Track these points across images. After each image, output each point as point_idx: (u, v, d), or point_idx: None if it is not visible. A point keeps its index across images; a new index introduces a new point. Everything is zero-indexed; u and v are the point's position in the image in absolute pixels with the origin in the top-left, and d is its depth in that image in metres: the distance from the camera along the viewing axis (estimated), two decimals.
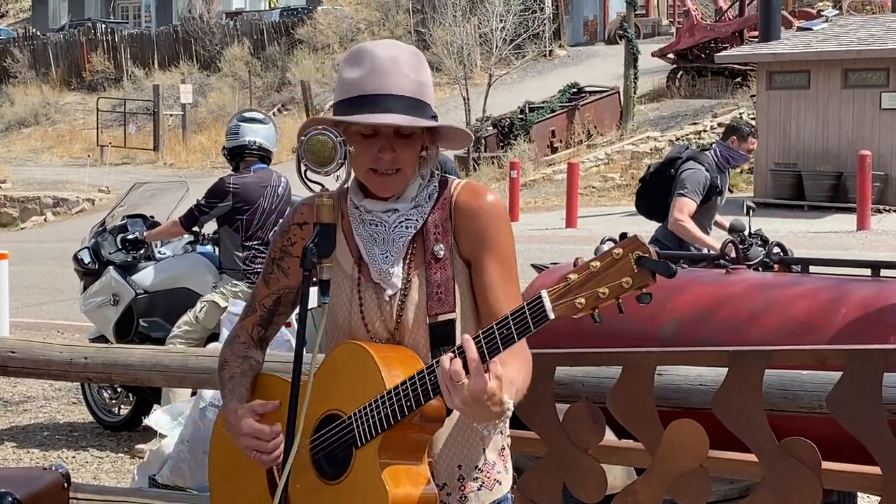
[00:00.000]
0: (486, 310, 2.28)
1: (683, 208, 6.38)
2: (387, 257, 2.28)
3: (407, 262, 2.29)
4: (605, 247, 4.91)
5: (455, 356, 2.06)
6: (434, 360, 2.13)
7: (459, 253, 2.30)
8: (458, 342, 2.19)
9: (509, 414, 2.11)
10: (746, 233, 6.02)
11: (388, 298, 2.28)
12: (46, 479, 2.95)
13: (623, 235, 2.05)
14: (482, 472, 2.32)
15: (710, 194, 6.55)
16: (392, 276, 2.28)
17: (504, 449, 2.37)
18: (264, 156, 6.83)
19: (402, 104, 2.22)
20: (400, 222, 2.29)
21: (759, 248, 5.64)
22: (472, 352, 2.03)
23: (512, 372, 2.15)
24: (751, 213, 6.37)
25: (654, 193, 6.70)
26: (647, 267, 1.97)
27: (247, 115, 6.99)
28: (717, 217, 6.84)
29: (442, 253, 2.27)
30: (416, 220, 2.29)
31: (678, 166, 6.56)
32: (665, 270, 1.97)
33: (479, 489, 2.31)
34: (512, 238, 2.32)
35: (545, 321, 2.03)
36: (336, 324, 2.33)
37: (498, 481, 2.34)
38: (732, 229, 6.09)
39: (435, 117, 2.28)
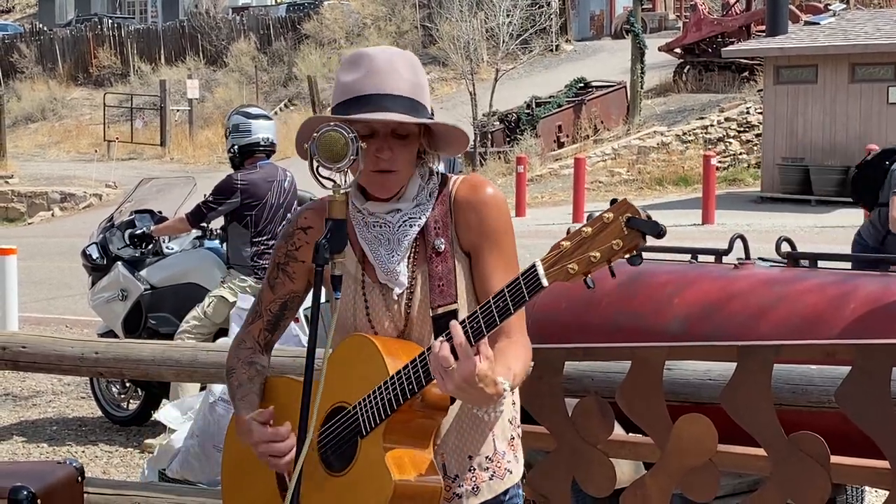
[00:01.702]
0: (486, 299, 2.31)
1: None
2: (393, 257, 2.31)
3: (411, 259, 2.32)
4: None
5: (444, 341, 2.09)
6: (428, 346, 2.16)
7: (461, 245, 2.33)
8: None
9: (506, 395, 2.15)
10: None
11: (395, 297, 2.32)
12: (60, 474, 2.97)
13: (614, 201, 2.08)
14: (492, 461, 2.35)
15: None
16: (399, 274, 2.31)
17: (514, 439, 2.40)
18: (271, 151, 6.84)
19: (399, 104, 2.25)
20: (404, 221, 2.32)
21: None
22: (459, 336, 2.07)
23: (510, 358, 2.19)
24: None
25: (868, 180, 6.80)
26: (635, 227, 1.99)
27: (252, 111, 6.96)
28: None
29: (443, 246, 2.31)
30: (420, 218, 2.32)
31: (893, 160, 6.64)
32: (653, 229, 1.99)
33: (490, 479, 2.35)
34: (512, 229, 2.35)
35: (539, 289, 2.06)
36: (342, 325, 2.35)
37: (509, 470, 2.37)
38: None
39: (432, 119, 2.32)
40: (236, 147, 6.76)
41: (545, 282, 2.05)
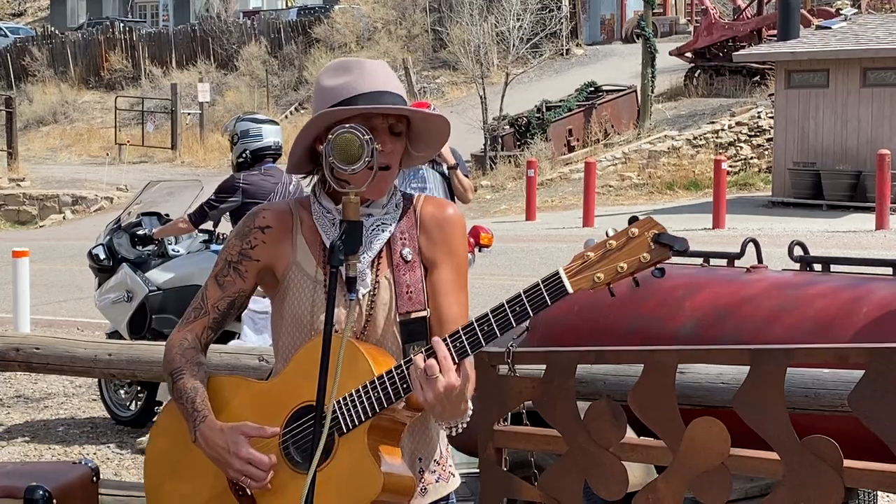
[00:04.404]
0: (436, 314, 2.38)
1: None
2: (363, 257, 2.35)
3: (375, 264, 2.38)
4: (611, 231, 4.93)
5: (426, 356, 2.17)
6: (411, 354, 2.22)
7: (422, 258, 2.40)
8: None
9: (469, 414, 2.25)
10: None
11: (358, 298, 2.34)
12: (76, 474, 2.98)
13: (633, 218, 2.14)
14: (439, 464, 2.43)
15: None
16: (365, 276, 2.36)
17: (448, 446, 2.48)
18: (278, 155, 6.95)
19: (394, 99, 2.35)
20: (376, 226, 2.38)
21: None
22: (443, 350, 2.16)
23: (469, 370, 2.23)
24: None
25: None
26: (664, 242, 2.09)
27: (258, 116, 7.12)
28: None
29: (410, 256, 2.39)
30: (390, 225, 2.39)
31: None
32: (681, 245, 2.09)
33: (436, 481, 2.42)
34: (466, 251, 2.46)
35: (563, 295, 2.15)
36: (299, 324, 2.37)
37: (452, 474, 2.45)
38: None
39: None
40: (248, 152, 6.83)
41: (570, 288, 2.14)
